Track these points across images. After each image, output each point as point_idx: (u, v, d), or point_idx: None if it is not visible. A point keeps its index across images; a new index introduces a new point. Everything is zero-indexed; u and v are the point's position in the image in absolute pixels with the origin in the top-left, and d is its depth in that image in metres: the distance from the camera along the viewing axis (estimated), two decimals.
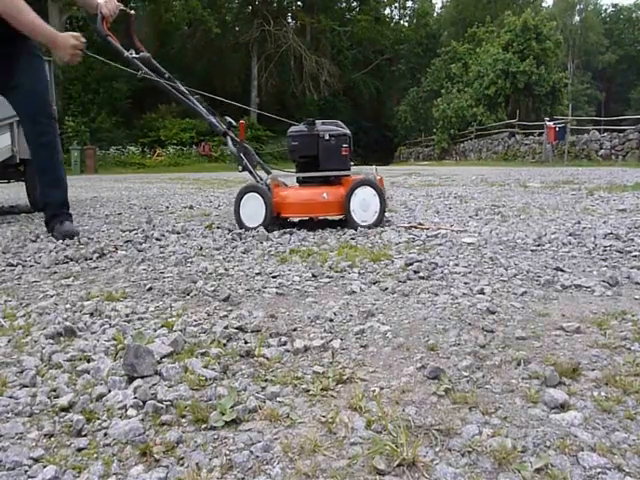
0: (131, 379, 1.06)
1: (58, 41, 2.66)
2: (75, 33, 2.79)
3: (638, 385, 0.99)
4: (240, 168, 3.07)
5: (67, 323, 1.37)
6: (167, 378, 1.07)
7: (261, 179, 3.06)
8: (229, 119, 3.13)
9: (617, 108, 40.05)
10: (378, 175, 3.10)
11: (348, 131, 3.10)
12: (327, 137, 2.99)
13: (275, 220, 2.97)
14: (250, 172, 3.05)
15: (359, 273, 1.94)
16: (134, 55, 3.02)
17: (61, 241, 2.71)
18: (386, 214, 3.62)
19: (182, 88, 3.12)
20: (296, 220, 3.28)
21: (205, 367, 1.12)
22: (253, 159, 3.11)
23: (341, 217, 3.06)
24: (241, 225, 2.93)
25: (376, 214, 2.90)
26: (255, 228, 2.85)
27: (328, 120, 3.17)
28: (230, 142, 3.09)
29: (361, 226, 2.89)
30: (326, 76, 31.33)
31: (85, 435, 0.88)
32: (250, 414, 0.94)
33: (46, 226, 2.99)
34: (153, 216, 3.86)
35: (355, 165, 3.21)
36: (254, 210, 2.90)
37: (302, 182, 3.16)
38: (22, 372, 1.11)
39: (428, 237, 2.66)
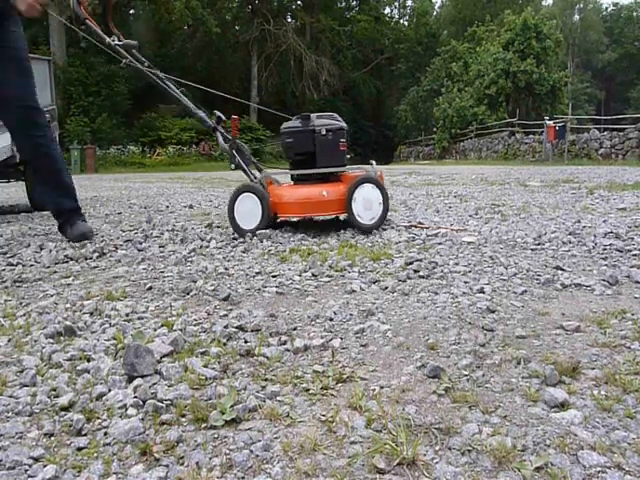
0: (131, 378, 1.06)
1: None
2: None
3: (638, 384, 0.99)
4: (232, 166, 2.91)
5: (67, 322, 1.37)
6: (167, 377, 1.07)
7: (255, 177, 2.92)
8: (218, 113, 2.95)
9: (617, 107, 40.08)
10: (378, 171, 2.96)
11: (345, 125, 2.94)
12: (324, 132, 2.82)
13: (272, 221, 2.82)
14: (244, 170, 2.91)
15: (359, 272, 1.94)
16: (117, 42, 2.83)
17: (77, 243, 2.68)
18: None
19: (166, 80, 2.94)
20: (294, 220, 3.18)
21: (205, 366, 1.12)
22: (246, 156, 2.94)
23: (340, 216, 2.89)
24: (236, 228, 2.76)
25: (379, 212, 2.74)
26: (252, 231, 2.70)
27: (324, 113, 2.98)
28: (220, 138, 2.92)
29: (363, 226, 2.74)
30: (326, 75, 31.32)
31: (85, 434, 0.89)
32: (250, 413, 0.94)
33: (60, 230, 2.89)
34: (153, 215, 3.86)
35: (350, 160, 3.07)
36: (250, 211, 2.73)
37: (297, 180, 2.98)
38: (22, 371, 1.11)
39: (428, 236, 2.65)
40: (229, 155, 2.93)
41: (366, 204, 2.75)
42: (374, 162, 3.09)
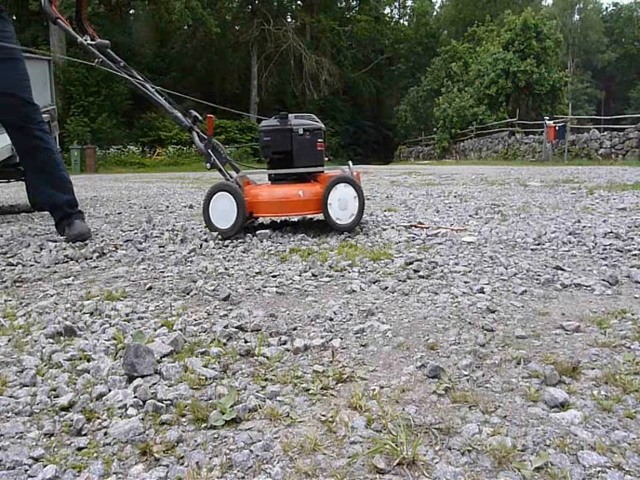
0: (131, 378, 1.06)
1: None
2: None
3: (638, 384, 0.99)
4: (208, 165, 2.90)
5: (67, 322, 1.37)
6: (167, 377, 1.07)
7: (231, 177, 2.90)
8: (195, 113, 2.94)
9: (617, 107, 40.12)
10: (354, 171, 2.95)
11: (323, 125, 2.94)
12: (301, 131, 2.81)
13: (247, 221, 2.81)
14: (219, 170, 2.89)
15: (359, 272, 1.94)
16: (89, 42, 2.78)
17: (71, 243, 2.68)
18: (386, 213, 3.62)
19: (141, 79, 2.95)
20: (266, 222, 3.17)
21: (205, 366, 1.12)
22: (222, 155, 2.93)
23: (316, 216, 2.85)
24: (211, 227, 2.74)
25: (355, 213, 2.72)
26: (226, 231, 2.69)
27: (302, 114, 2.99)
28: (197, 138, 2.91)
29: (339, 226, 2.73)
30: (326, 75, 31.34)
31: (85, 434, 0.89)
32: (250, 413, 0.94)
33: (56, 228, 2.91)
34: (153, 215, 3.86)
35: (329, 161, 3.06)
36: (225, 211, 2.71)
37: (275, 180, 2.98)
38: (22, 371, 1.11)
39: (428, 236, 2.66)
40: (204, 155, 2.92)
41: (342, 204, 2.72)
42: (351, 163, 3.09)
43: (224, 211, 2.72)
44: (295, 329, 1.37)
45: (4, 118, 2.74)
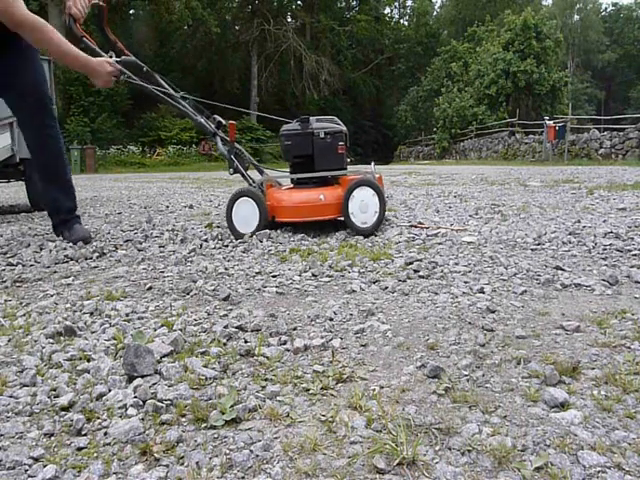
0: (131, 378, 1.06)
1: (93, 68, 2.58)
2: (108, 59, 2.68)
3: (638, 384, 0.99)
4: (231, 171, 2.93)
5: (67, 322, 1.37)
6: (167, 377, 1.07)
7: (254, 181, 2.93)
8: (219, 118, 2.97)
9: (617, 107, 40.14)
10: (377, 173, 2.96)
11: (344, 128, 2.94)
12: (322, 135, 2.83)
13: (270, 225, 2.82)
14: (242, 175, 2.93)
15: (359, 272, 1.94)
16: (115, 59, 2.78)
17: (71, 244, 2.67)
18: (386, 213, 3.62)
19: (170, 89, 2.95)
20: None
21: (205, 366, 1.12)
22: (245, 160, 2.97)
23: (339, 219, 2.86)
24: (234, 232, 2.76)
25: (376, 216, 2.71)
26: (251, 235, 2.70)
27: (323, 117, 3.00)
28: (220, 143, 2.94)
29: (360, 230, 2.72)
30: (326, 75, 31.38)
31: (85, 434, 0.89)
32: (250, 413, 0.94)
33: (54, 230, 2.89)
34: (153, 215, 3.86)
35: (352, 163, 3.04)
36: (247, 215, 2.74)
37: (297, 183, 3.00)
38: (22, 371, 1.11)
39: (428, 236, 2.65)
40: (227, 160, 2.94)
41: (363, 208, 2.72)
42: (373, 163, 3.05)
43: (247, 216, 2.74)
44: (295, 329, 1.37)
45: (25, 111, 2.71)
